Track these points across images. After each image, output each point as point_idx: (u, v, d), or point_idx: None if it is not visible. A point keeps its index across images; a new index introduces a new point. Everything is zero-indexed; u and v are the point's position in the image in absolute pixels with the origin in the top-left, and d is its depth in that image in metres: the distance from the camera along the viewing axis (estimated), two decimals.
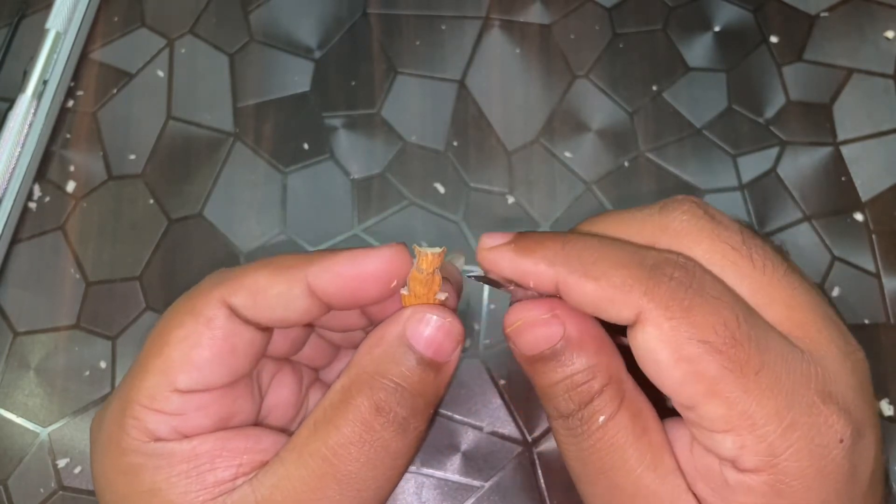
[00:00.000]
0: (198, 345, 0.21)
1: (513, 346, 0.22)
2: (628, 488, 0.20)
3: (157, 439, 0.21)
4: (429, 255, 0.22)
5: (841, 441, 0.19)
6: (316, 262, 0.22)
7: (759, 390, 0.18)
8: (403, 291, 0.22)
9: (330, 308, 0.23)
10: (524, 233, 0.22)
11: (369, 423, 0.20)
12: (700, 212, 0.21)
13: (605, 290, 0.19)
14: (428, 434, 0.23)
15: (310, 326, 0.27)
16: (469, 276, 0.22)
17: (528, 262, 0.21)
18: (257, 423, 0.24)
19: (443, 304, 0.22)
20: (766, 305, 0.20)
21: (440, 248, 0.22)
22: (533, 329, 0.21)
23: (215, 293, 0.22)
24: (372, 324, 0.26)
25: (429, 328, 0.21)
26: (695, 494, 0.20)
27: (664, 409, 0.22)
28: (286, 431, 0.23)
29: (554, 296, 0.21)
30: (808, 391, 0.19)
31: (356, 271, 0.22)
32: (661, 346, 0.19)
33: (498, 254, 0.22)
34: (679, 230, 0.21)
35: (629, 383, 0.21)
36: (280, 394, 0.26)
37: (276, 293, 0.22)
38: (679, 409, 0.20)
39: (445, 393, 0.23)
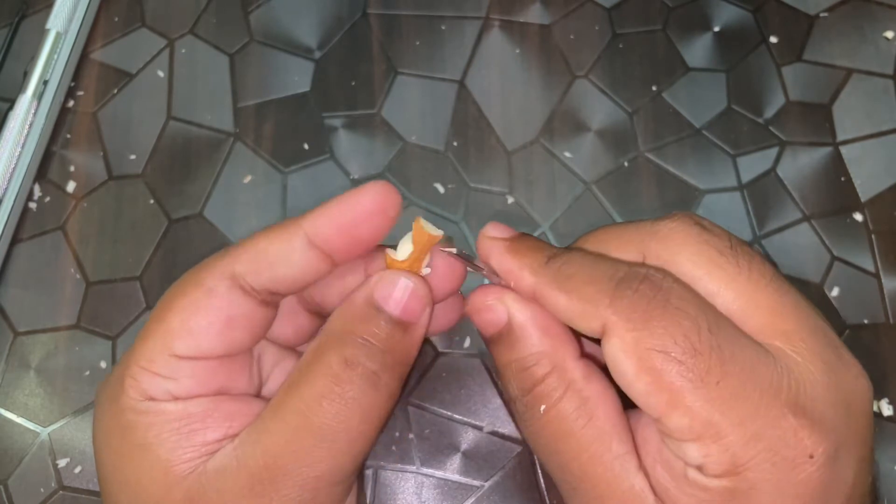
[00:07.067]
0: (196, 313, 0.22)
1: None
2: (575, 471, 0.21)
3: (150, 398, 0.22)
4: (424, 233, 0.23)
5: (811, 457, 0.18)
6: (311, 213, 0.23)
7: (722, 399, 0.18)
8: (392, 256, 0.23)
9: (332, 260, 0.23)
10: (525, 235, 0.24)
11: (338, 376, 0.21)
12: (690, 221, 0.21)
13: (576, 303, 0.21)
14: (401, 396, 0.24)
15: (318, 317, 0.27)
16: (444, 250, 0.23)
17: (514, 263, 0.22)
18: None
19: (423, 277, 0.24)
20: (749, 310, 0.20)
21: (440, 231, 0.23)
22: (482, 313, 0.23)
23: (219, 265, 0.23)
24: None
25: (395, 289, 0.23)
26: (647, 473, 0.21)
27: None
28: None
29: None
30: (776, 402, 0.18)
31: (350, 211, 0.22)
32: (623, 357, 0.19)
33: (493, 245, 0.23)
34: (667, 235, 0.21)
35: (578, 372, 0.22)
36: (281, 382, 0.26)
37: (276, 250, 0.22)
38: (653, 421, 0.20)
39: (416, 356, 0.24)
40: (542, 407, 0.21)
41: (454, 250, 0.23)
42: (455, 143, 0.37)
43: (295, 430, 0.21)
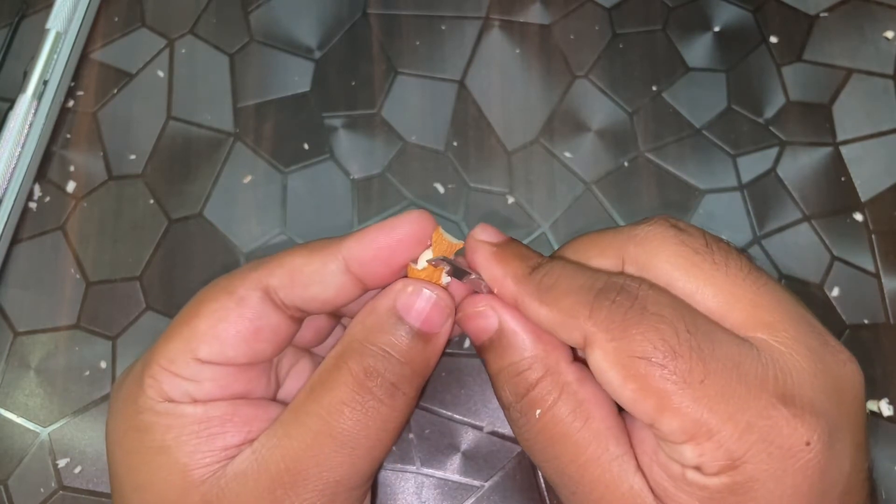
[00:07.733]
0: (225, 319, 0.22)
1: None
2: (573, 475, 0.21)
3: (170, 400, 0.22)
4: (444, 241, 0.23)
5: (808, 444, 0.18)
6: (349, 237, 0.23)
7: (708, 397, 0.18)
8: (413, 265, 0.23)
9: (363, 285, 0.23)
10: (512, 241, 0.24)
11: (360, 385, 0.22)
12: (666, 224, 0.22)
13: (556, 315, 0.21)
14: (418, 402, 0.24)
15: (336, 318, 0.27)
16: (430, 261, 0.23)
17: (498, 270, 0.22)
18: None
19: (445, 286, 0.24)
20: (730, 305, 0.20)
21: (460, 241, 0.23)
22: (473, 320, 0.23)
23: (254, 275, 0.23)
24: None
25: (418, 300, 0.23)
26: (644, 473, 0.21)
27: None
28: None
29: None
30: (764, 393, 0.19)
31: (388, 238, 0.23)
32: (608, 367, 0.20)
33: (480, 249, 0.23)
34: (645, 238, 0.22)
35: (572, 375, 0.22)
36: (297, 384, 0.26)
37: (312, 270, 0.23)
38: (647, 427, 0.20)
39: (436, 364, 0.24)
40: (538, 411, 0.21)
41: (442, 256, 0.23)
42: (455, 143, 0.37)
43: (316, 434, 0.21)
